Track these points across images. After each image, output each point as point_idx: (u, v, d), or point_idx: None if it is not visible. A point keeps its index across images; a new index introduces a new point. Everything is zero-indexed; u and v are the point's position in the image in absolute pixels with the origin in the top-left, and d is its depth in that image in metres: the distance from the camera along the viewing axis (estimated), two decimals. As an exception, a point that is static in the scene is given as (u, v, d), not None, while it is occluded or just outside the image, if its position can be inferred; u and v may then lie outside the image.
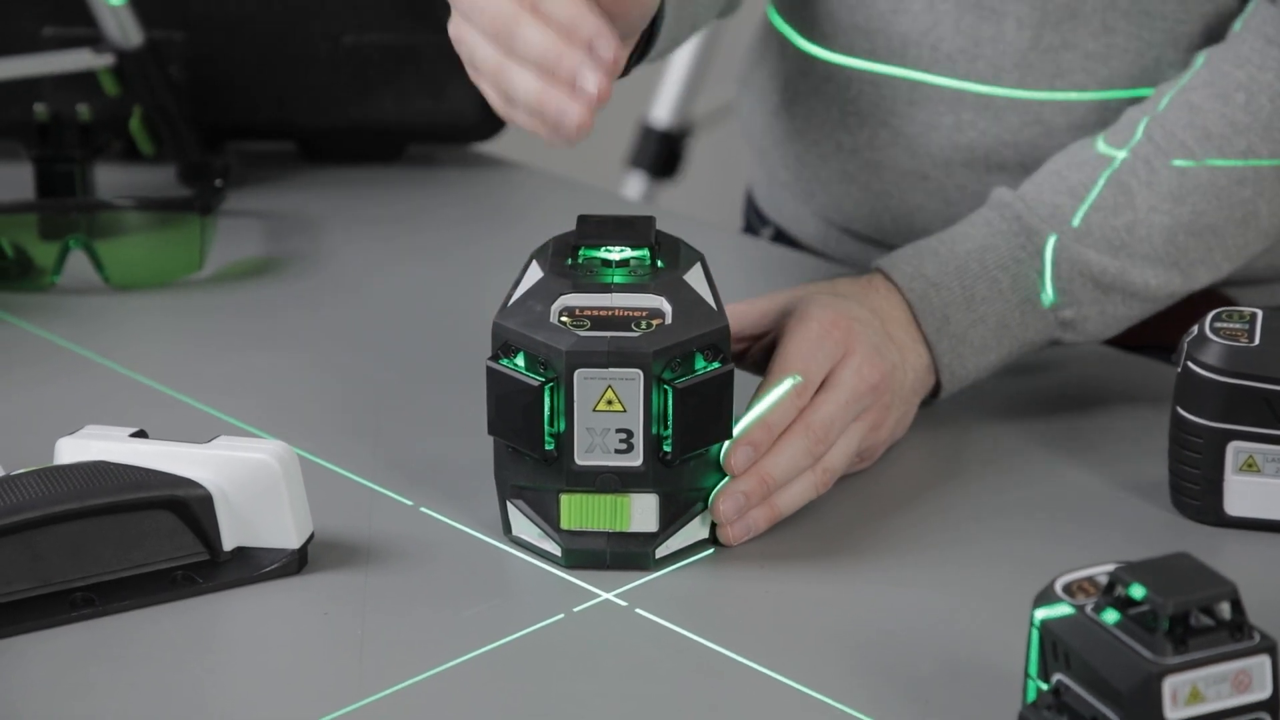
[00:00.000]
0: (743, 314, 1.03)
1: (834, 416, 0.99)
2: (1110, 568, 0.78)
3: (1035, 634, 0.78)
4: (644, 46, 1.04)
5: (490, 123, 1.39)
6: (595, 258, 0.96)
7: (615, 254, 0.96)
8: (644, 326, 0.93)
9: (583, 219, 0.98)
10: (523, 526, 0.96)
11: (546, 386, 0.92)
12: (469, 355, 1.15)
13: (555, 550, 0.94)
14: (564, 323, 0.93)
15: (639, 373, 0.92)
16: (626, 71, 1.02)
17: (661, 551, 0.95)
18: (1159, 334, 1.15)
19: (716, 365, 0.93)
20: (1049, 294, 1.06)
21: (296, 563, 0.92)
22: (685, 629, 0.90)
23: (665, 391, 0.92)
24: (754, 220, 1.37)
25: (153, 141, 1.34)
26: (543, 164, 1.42)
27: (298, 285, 1.25)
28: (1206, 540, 0.96)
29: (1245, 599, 0.76)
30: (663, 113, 2.17)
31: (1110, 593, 0.77)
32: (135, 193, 1.29)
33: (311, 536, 0.93)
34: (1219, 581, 0.76)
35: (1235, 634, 0.75)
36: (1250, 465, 0.96)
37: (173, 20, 1.38)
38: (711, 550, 0.96)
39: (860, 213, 1.23)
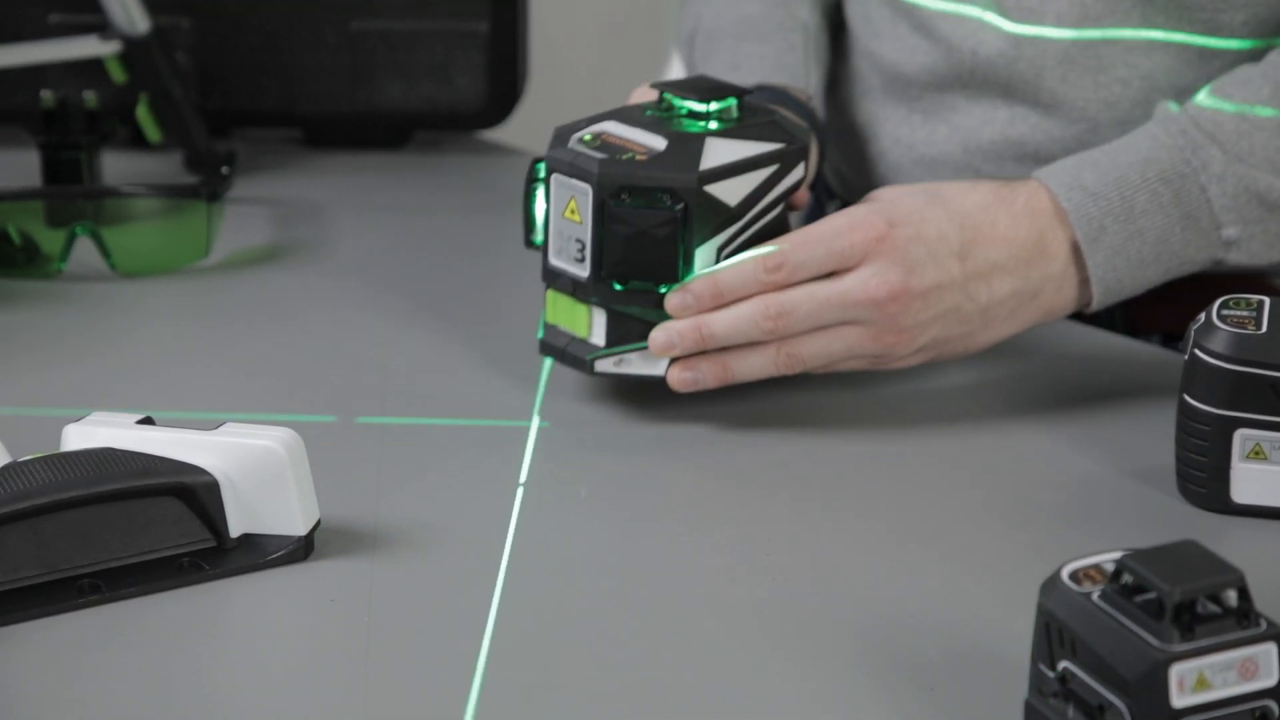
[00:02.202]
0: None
1: (798, 304, 1.01)
2: (1117, 555, 0.78)
3: (1041, 621, 0.78)
4: None
5: (496, 110, 1.40)
6: (681, 106, 1.06)
7: (694, 105, 1.05)
8: (627, 156, 1.02)
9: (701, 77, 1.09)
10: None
11: (535, 185, 1.05)
12: (476, 340, 1.16)
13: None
14: (584, 140, 1.04)
15: (589, 188, 1.02)
16: None
17: (601, 367, 1.05)
18: (1170, 321, 1.15)
19: (667, 208, 1.01)
20: (1213, 211, 1.05)
21: (303, 550, 0.92)
22: (691, 621, 0.90)
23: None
24: None
25: (159, 128, 1.35)
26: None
27: (304, 272, 1.25)
28: (1213, 527, 0.96)
29: (1252, 586, 0.76)
30: None
31: (1117, 580, 0.77)
32: (142, 180, 1.30)
33: (318, 523, 0.93)
34: (1226, 569, 0.76)
35: (1242, 621, 0.75)
36: (1257, 453, 0.96)
37: (179, 7, 1.38)
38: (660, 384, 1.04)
39: None
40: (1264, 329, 0.95)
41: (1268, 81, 1.09)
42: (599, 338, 1.05)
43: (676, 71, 2.25)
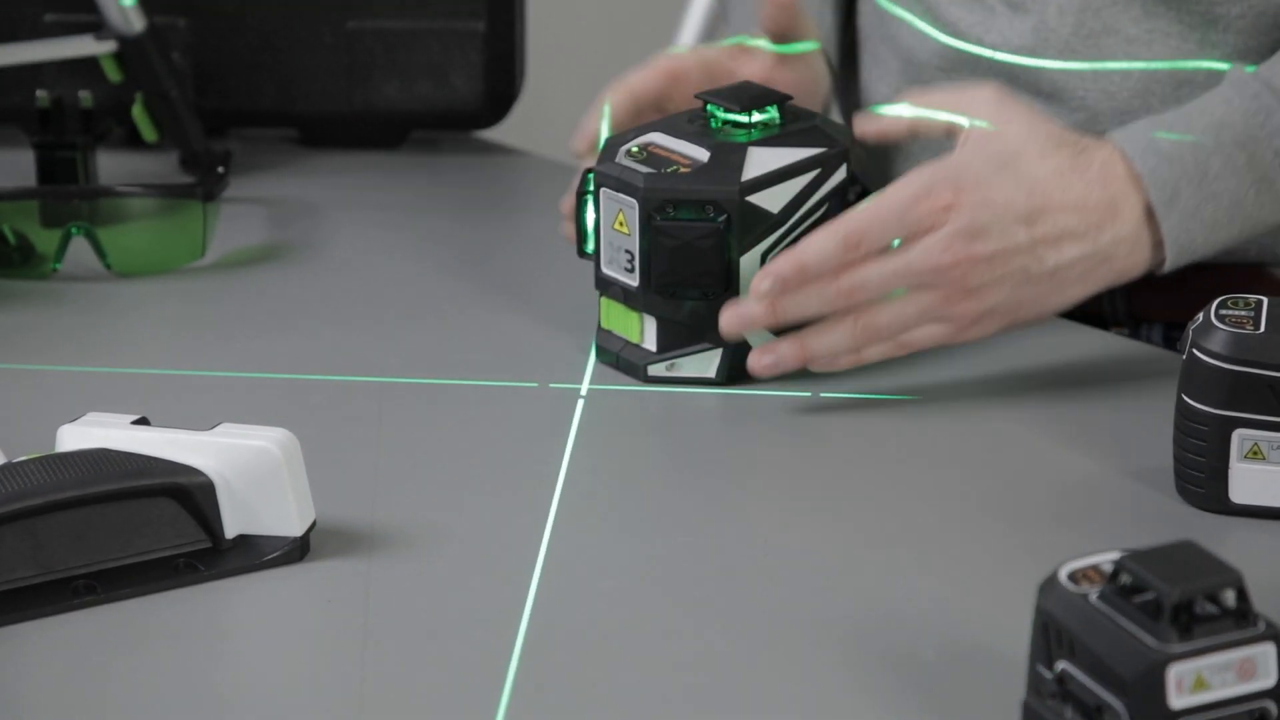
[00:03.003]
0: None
1: (867, 279, 1.04)
2: (1115, 555, 0.78)
3: (1039, 621, 0.78)
4: None
5: (493, 109, 1.39)
6: (726, 118, 1.09)
7: (737, 117, 1.09)
8: (671, 169, 1.06)
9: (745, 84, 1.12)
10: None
11: (585, 197, 1.09)
12: (473, 341, 1.15)
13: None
14: (631, 153, 1.07)
15: (635, 202, 1.05)
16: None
17: (654, 372, 1.08)
18: (1172, 310, 1.16)
19: (710, 220, 1.04)
20: None
21: (299, 550, 0.92)
22: (694, 623, 0.90)
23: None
24: None
25: (155, 128, 1.34)
26: (545, 151, 1.42)
27: (300, 272, 1.25)
28: (1211, 528, 0.96)
29: (1250, 586, 0.76)
30: None
31: (1115, 580, 0.76)
32: (137, 179, 1.29)
33: (314, 524, 0.93)
34: (1224, 569, 0.76)
35: (1240, 622, 0.75)
36: (1255, 453, 0.96)
37: (175, 6, 1.37)
38: (719, 389, 1.08)
39: None
40: (1262, 329, 0.95)
41: None
42: (650, 343, 1.08)
43: (696, 15, 2.23)
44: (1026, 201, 1.05)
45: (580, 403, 1.08)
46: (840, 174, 1.08)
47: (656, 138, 1.09)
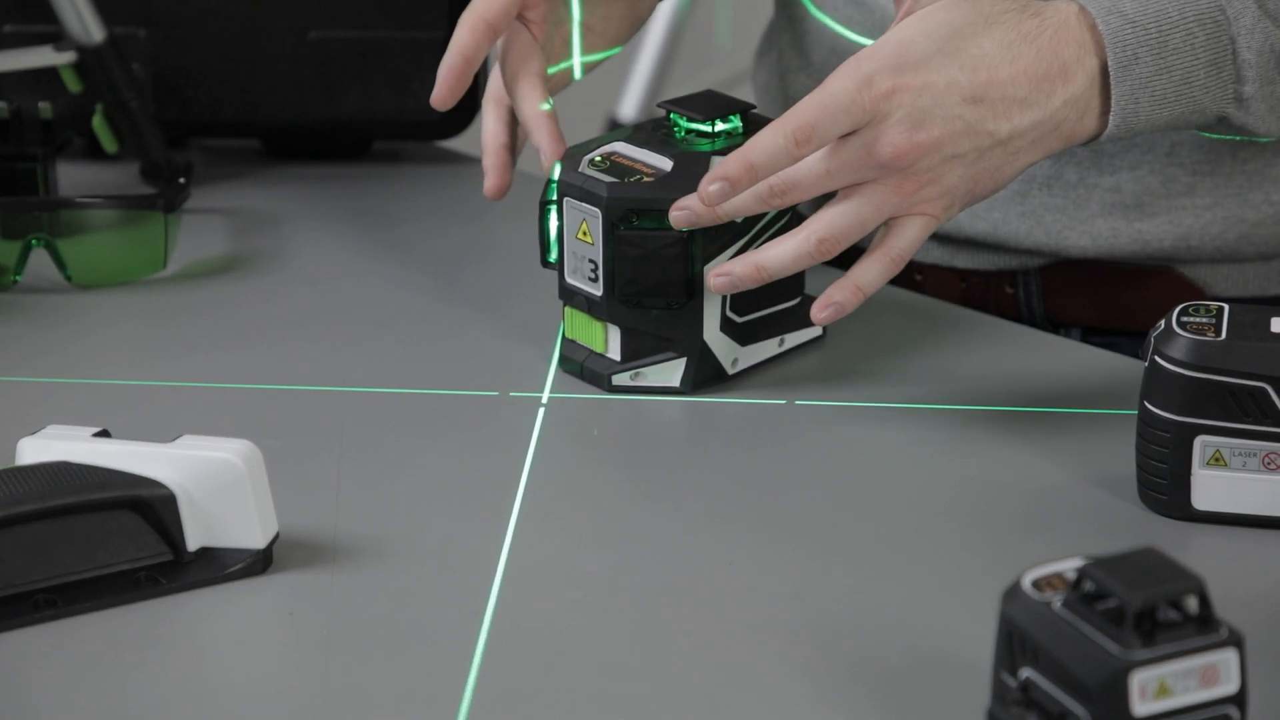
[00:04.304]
0: None
1: (801, 176, 1.01)
2: (1078, 563, 0.78)
3: (1003, 629, 0.78)
4: None
5: (456, 119, 1.39)
6: (689, 127, 1.09)
7: (700, 126, 1.09)
8: (634, 178, 1.06)
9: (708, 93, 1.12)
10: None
11: (548, 206, 1.08)
12: (435, 351, 1.15)
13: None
14: (594, 163, 1.07)
15: (599, 212, 1.05)
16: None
17: (619, 382, 1.08)
18: (1087, 314, 1.16)
19: (671, 230, 1.04)
20: (1237, 63, 1.05)
21: (262, 563, 0.92)
22: (658, 631, 0.90)
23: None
24: None
25: (115, 139, 1.34)
26: (509, 160, 1.41)
27: (262, 283, 1.24)
28: (1174, 534, 0.96)
29: (1212, 593, 0.76)
30: (630, 108, 2.17)
31: (1078, 588, 0.76)
32: (98, 190, 1.29)
33: (277, 536, 0.93)
34: (1186, 576, 0.76)
35: (1203, 628, 0.75)
36: (1217, 459, 0.96)
37: (135, 16, 1.37)
38: (682, 397, 1.08)
39: None
40: (1223, 335, 0.95)
41: None
42: (615, 353, 1.08)
43: (658, 24, 2.23)
44: (970, 79, 1.02)
45: (541, 411, 1.08)
46: None
47: (620, 147, 1.09)
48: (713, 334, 1.08)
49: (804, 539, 0.97)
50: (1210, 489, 0.96)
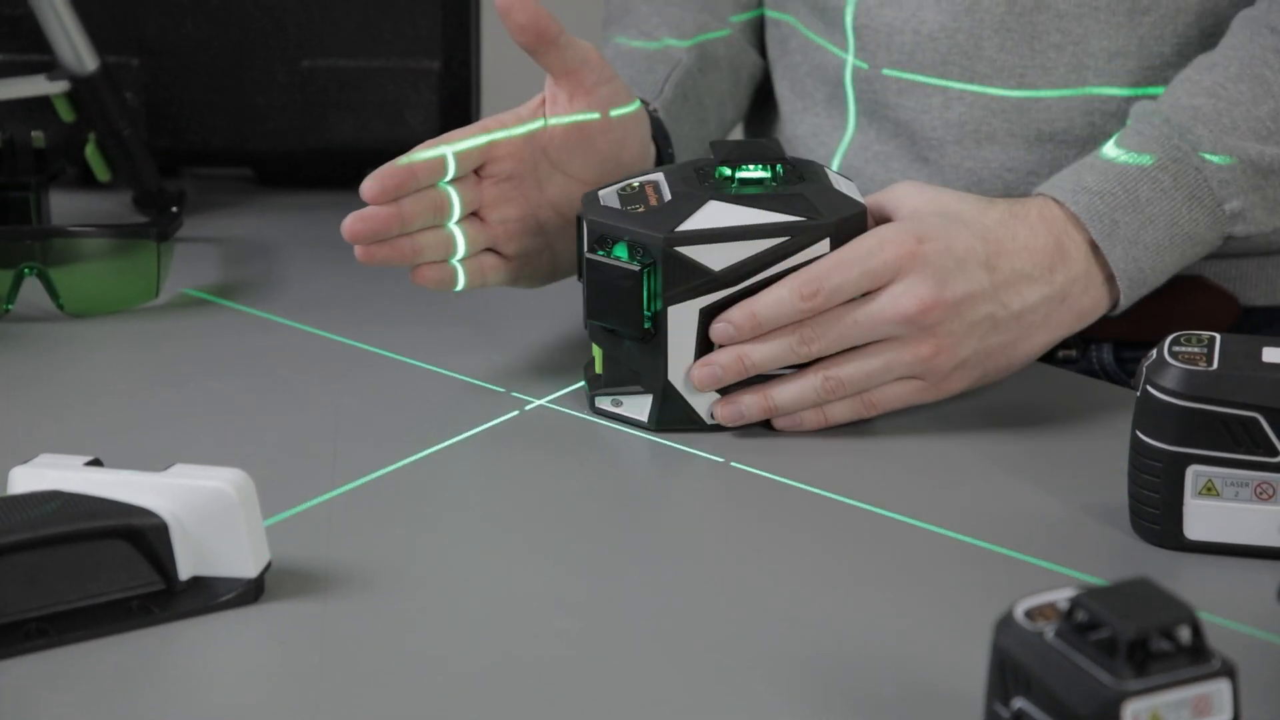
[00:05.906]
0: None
1: (829, 326, 1.03)
2: (1070, 592, 0.78)
3: (995, 659, 0.78)
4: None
5: (448, 148, 1.39)
6: (732, 176, 1.07)
7: (744, 173, 1.07)
8: (632, 207, 1.05)
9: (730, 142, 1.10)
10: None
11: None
12: (427, 381, 1.15)
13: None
14: (624, 187, 1.07)
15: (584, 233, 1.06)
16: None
17: (600, 404, 1.08)
18: (1120, 329, 1.18)
19: (633, 262, 1.04)
20: (1212, 187, 1.08)
21: (253, 592, 0.92)
22: (649, 661, 0.90)
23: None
24: None
25: (108, 168, 1.34)
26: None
27: (255, 311, 1.24)
28: (1166, 564, 0.96)
29: (1205, 623, 0.76)
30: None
31: (1070, 618, 0.76)
32: (91, 219, 1.29)
33: (269, 565, 0.92)
34: (1179, 606, 0.76)
35: (1195, 659, 0.75)
36: (1210, 489, 0.96)
37: (128, 46, 1.37)
38: (648, 432, 1.07)
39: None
40: (1215, 365, 0.95)
41: (1230, 61, 1.11)
42: (603, 374, 1.09)
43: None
44: (984, 248, 1.05)
45: (533, 441, 1.08)
46: (818, 249, 1.04)
47: (657, 177, 1.08)
48: (679, 376, 1.06)
49: (794, 568, 0.97)
50: (1202, 519, 0.97)
